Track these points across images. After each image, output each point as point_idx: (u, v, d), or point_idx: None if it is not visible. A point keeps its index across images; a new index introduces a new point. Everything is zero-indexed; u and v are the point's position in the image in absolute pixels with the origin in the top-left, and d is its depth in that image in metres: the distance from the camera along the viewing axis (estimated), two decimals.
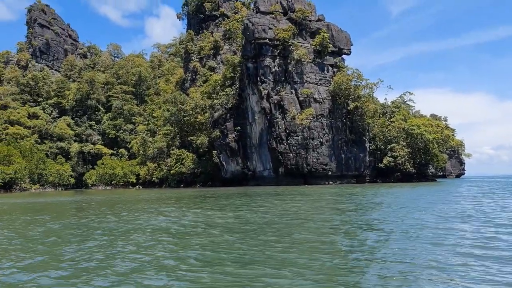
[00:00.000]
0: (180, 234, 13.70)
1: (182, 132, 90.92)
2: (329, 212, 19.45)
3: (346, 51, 79.01)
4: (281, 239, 11.98)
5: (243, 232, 13.58)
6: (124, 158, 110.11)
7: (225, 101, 79.67)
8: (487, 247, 10.26)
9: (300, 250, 10.37)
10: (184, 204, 29.07)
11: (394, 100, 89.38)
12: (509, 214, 17.42)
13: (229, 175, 79.99)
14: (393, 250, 10.12)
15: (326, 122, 73.19)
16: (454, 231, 12.89)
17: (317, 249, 10.44)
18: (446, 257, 9.23)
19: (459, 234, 12.21)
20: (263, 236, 12.46)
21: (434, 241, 11.07)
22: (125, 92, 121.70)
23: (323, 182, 71.86)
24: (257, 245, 11.03)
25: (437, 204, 23.04)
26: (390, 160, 73.82)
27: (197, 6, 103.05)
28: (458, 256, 9.34)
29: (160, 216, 19.61)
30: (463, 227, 13.78)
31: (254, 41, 73.48)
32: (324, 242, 11.44)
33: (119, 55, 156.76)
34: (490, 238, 11.50)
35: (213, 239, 12.32)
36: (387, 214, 18.40)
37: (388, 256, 9.49)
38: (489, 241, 10.99)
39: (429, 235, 12.12)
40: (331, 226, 14.53)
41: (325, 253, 9.88)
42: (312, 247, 10.64)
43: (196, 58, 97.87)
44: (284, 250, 10.30)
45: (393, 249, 10.23)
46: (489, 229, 13.10)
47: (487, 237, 11.66)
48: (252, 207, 23.54)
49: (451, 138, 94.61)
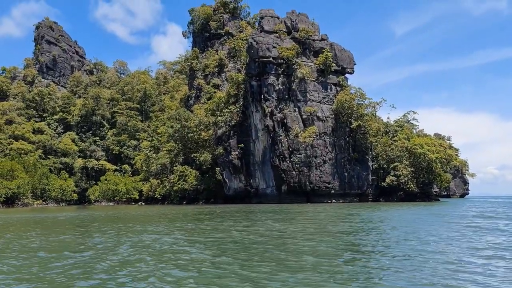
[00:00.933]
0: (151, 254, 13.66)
1: (185, 149, 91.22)
2: (312, 236, 18.12)
3: (349, 70, 79.65)
4: (250, 260, 11.96)
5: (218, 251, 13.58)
6: (127, 174, 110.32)
7: (229, 118, 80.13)
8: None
9: (263, 270, 10.44)
10: (175, 222, 29.02)
11: (397, 119, 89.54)
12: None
13: (232, 192, 79.82)
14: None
15: (329, 140, 73.29)
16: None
17: (280, 268, 10.46)
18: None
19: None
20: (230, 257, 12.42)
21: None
22: (130, 108, 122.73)
23: (326, 200, 71.54)
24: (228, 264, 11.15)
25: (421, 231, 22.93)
26: (393, 179, 73.53)
27: (202, 25, 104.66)
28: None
29: (142, 235, 19.54)
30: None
31: (258, 59, 74.32)
32: (288, 261, 11.40)
33: (125, 72, 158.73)
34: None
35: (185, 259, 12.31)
36: (370, 240, 17.87)
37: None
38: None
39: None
40: (307, 250, 13.84)
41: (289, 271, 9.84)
42: (274, 268, 10.59)
43: (201, 75, 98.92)
44: (248, 269, 10.40)
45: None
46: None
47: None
48: (239, 227, 23.38)
49: (454, 158, 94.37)
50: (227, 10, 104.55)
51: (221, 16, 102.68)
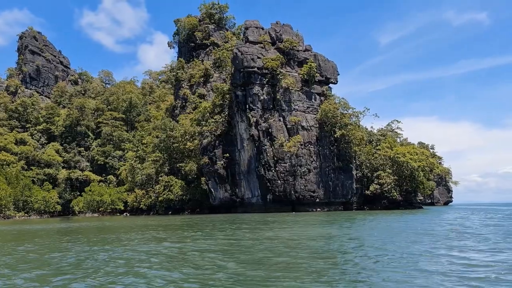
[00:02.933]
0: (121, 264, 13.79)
1: (171, 159, 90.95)
2: (277, 246, 18.00)
3: (332, 80, 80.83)
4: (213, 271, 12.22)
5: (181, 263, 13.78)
6: (112, 185, 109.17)
7: (214, 128, 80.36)
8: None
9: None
10: (152, 232, 29.05)
11: (381, 128, 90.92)
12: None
13: (217, 202, 79.75)
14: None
15: (314, 149, 74.00)
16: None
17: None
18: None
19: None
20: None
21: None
22: (115, 118, 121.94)
23: (311, 209, 71.97)
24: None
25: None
26: (376, 187, 74.49)
27: (188, 35, 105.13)
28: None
29: (115, 247, 19.59)
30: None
31: (243, 69, 74.97)
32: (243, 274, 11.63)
33: (111, 82, 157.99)
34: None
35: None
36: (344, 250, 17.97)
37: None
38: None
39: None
40: (277, 262, 13.79)
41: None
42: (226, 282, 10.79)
43: (186, 85, 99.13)
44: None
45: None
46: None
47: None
48: (215, 237, 23.61)
49: (437, 166, 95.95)
50: (212, 20, 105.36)
51: (207, 27, 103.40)
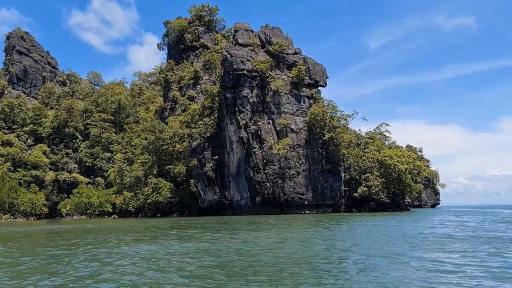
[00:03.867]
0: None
1: (160, 161, 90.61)
2: (258, 252, 17.18)
3: (322, 83, 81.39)
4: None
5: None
6: (100, 187, 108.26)
7: (204, 131, 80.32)
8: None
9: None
10: (132, 235, 29.03)
11: (369, 131, 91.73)
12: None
13: (206, 204, 79.65)
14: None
15: (303, 152, 74.37)
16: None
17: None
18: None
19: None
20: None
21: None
22: (104, 120, 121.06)
23: (300, 211, 72.31)
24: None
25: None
26: (364, 189, 75.13)
27: (177, 37, 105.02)
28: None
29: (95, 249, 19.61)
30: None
31: (232, 72, 75.13)
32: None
33: (99, 83, 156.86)
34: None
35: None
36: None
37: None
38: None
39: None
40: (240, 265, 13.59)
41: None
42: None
43: (175, 87, 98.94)
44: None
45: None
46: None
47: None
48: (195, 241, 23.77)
49: (423, 169, 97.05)
50: (202, 23, 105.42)
51: (196, 29, 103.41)
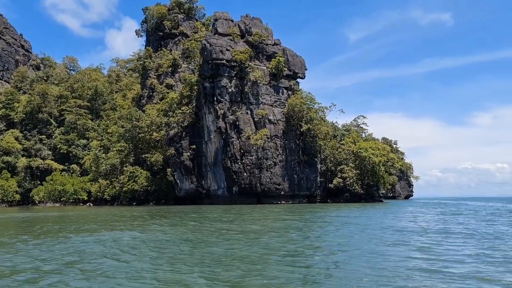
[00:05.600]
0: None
1: (136, 149, 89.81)
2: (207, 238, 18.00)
3: (300, 75, 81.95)
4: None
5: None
6: (75, 175, 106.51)
7: (181, 119, 79.91)
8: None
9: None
10: (101, 223, 29.12)
11: (345, 124, 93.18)
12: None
13: (183, 193, 79.66)
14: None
15: (280, 143, 75.05)
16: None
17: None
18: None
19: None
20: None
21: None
22: (79, 106, 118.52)
23: (276, 201, 73.23)
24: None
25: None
26: (339, 181, 76.61)
27: (156, 24, 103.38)
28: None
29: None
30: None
31: (211, 61, 74.76)
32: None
33: (75, 68, 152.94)
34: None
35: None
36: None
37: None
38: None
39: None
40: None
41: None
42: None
43: (153, 75, 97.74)
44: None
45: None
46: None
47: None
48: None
49: (397, 161, 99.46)
50: (182, 10, 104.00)
51: (176, 16, 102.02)
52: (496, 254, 13.81)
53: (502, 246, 15.57)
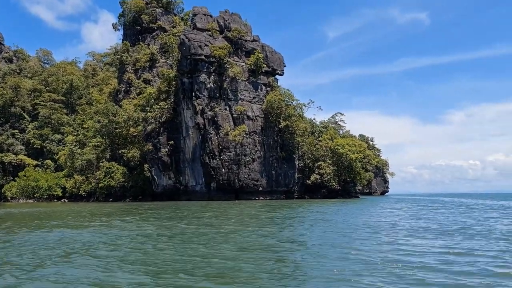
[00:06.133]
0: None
1: (113, 145, 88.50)
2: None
3: (279, 71, 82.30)
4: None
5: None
6: (49, 170, 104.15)
7: (159, 115, 79.14)
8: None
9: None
10: (69, 218, 28.83)
11: (323, 121, 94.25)
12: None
13: (160, 190, 79.05)
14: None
15: (258, 139, 75.34)
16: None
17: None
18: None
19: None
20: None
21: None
22: (54, 100, 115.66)
23: (254, 197, 73.57)
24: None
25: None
26: (317, 177, 77.55)
27: (134, 18, 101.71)
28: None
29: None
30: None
31: (190, 56, 74.26)
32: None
33: (50, 62, 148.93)
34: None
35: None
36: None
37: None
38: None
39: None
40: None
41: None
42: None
43: (131, 69, 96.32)
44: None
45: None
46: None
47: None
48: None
49: (373, 158, 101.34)
50: (160, 4, 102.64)
51: (154, 10, 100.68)
52: (456, 246, 14.39)
53: (465, 242, 16.20)
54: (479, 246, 14.45)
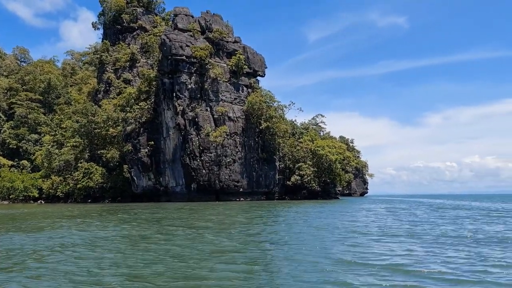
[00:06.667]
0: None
1: (92, 145, 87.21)
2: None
3: (260, 73, 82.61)
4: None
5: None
6: (26, 171, 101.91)
7: (139, 115, 78.43)
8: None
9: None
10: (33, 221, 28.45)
11: (303, 122, 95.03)
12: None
13: (140, 191, 78.31)
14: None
15: (239, 140, 75.44)
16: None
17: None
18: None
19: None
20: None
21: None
22: (31, 99, 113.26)
23: (235, 198, 73.62)
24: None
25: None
26: (297, 178, 78.13)
27: (114, 17, 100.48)
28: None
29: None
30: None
31: (171, 57, 73.85)
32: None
33: (27, 60, 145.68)
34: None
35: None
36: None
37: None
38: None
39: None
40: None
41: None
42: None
43: (111, 69, 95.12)
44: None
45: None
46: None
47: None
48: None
49: (352, 159, 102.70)
50: (141, 4, 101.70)
51: (135, 10, 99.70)
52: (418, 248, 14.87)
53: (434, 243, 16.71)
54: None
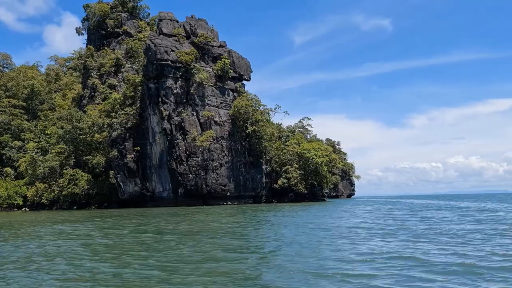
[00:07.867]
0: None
1: (77, 151, 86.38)
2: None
3: (246, 77, 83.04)
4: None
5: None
6: (9, 178, 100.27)
7: (125, 121, 78.02)
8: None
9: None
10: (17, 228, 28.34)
11: (289, 125, 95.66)
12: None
13: (126, 196, 77.78)
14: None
15: (226, 144, 75.63)
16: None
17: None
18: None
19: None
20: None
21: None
22: (14, 106, 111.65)
23: (222, 202, 73.69)
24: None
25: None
26: (284, 181, 78.61)
27: (98, 22, 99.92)
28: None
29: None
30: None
31: (156, 61, 73.77)
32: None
33: (9, 66, 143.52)
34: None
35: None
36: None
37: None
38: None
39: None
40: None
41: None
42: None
43: (95, 74, 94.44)
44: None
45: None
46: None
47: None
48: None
49: (338, 162, 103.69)
50: (125, 9, 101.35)
51: (119, 15, 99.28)
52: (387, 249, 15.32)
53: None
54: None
